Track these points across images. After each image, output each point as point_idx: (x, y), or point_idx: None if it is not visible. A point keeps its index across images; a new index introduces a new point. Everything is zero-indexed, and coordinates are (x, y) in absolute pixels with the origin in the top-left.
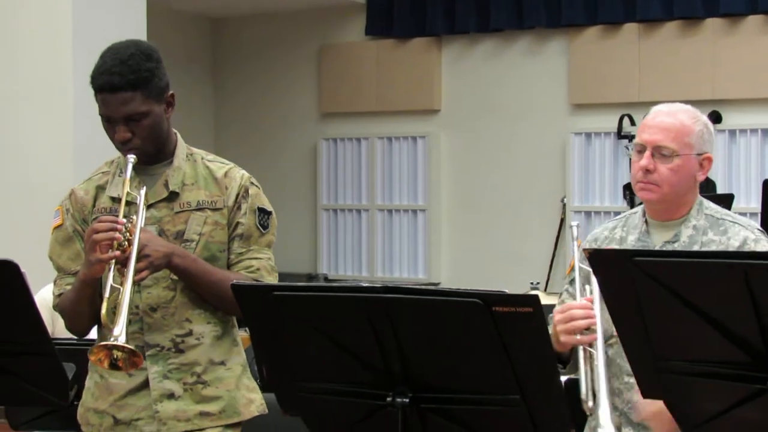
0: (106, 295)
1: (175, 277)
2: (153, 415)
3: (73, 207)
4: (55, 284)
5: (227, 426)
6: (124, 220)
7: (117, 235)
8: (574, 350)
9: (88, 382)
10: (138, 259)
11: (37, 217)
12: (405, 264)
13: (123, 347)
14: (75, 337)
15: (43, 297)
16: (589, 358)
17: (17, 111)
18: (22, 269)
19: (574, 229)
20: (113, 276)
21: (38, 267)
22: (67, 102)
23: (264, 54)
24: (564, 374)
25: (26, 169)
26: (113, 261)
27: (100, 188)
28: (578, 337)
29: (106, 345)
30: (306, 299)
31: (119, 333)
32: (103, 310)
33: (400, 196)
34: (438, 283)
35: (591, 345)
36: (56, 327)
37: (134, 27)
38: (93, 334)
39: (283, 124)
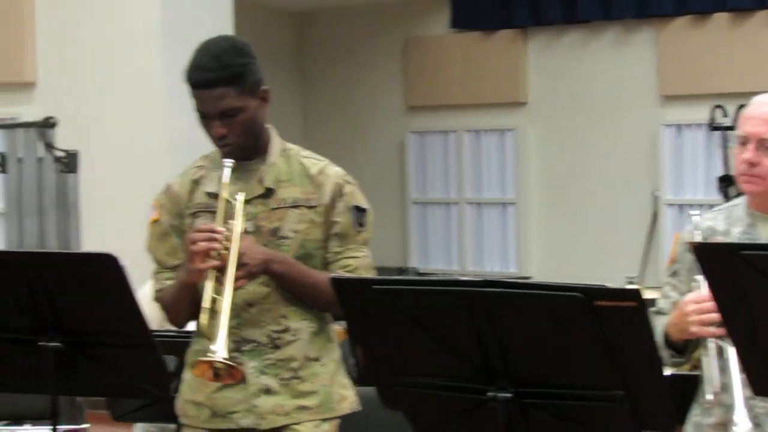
0: (206, 305)
1: None
2: (250, 409)
3: (169, 202)
4: (153, 277)
5: (323, 420)
6: (223, 229)
7: (215, 245)
8: (689, 343)
9: (187, 375)
10: (236, 267)
11: (135, 210)
12: (495, 258)
13: (223, 363)
14: (176, 329)
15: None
16: (718, 352)
17: (110, 108)
18: (122, 262)
19: (695, 219)
20: (212, 285)
21: (140, 261)
22: (157, 97)
23: (350, 48)
24: (676, 366)
25: (123, 164)
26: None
27: (195, 183)
28: (712, 329)
29: (207, 361)
30: (406, 293)
31: (219, 348)
32: (203, 320)
33: (489, 189)
34: (529, 277)
35: (721, 338)
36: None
37: (221, 23)
38: (191, 325)
39: (371, 118)
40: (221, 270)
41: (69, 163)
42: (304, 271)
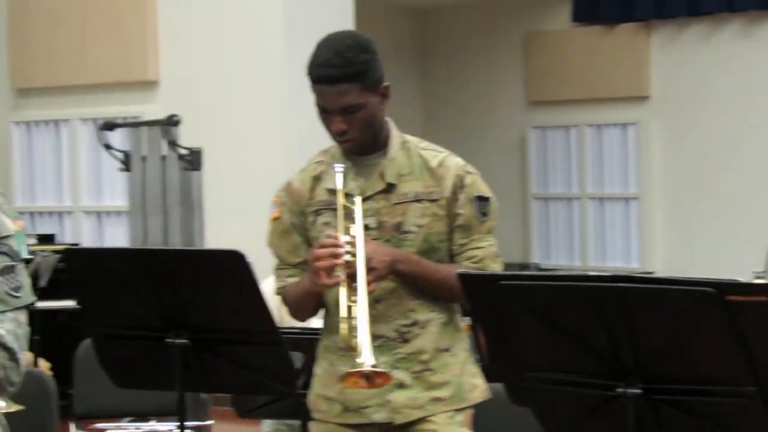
0: (343, 314)
1: None
2: (383, 404)
3: (290, 199)
4: (275, 273)
5: (457, 411)
6: (347, 237)
7: (338, 261)
8: None
9: (318, 370)
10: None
11: (257, 207)
12: (617, 253)
13: (372, 371)
14: (303, 327)
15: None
16: None
17: (233, 105)
18: (249, 259)
19: None
20: (346, 293)
21: (262, 258)
22: (279, 95)
23: (470, 43)
24: None
25: (245, 161)
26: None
27: (316, 179)
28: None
29: (357, 372)
30: (534, 289)
31: (366, 357)
32: (344, 331)
33: (611, 184)
34: (652, 272)
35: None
36: (284, 317)
37: (343, 19)
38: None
39: (492, 113)
40: (351, 276)
41: (192, 160)
42: (429, 267)
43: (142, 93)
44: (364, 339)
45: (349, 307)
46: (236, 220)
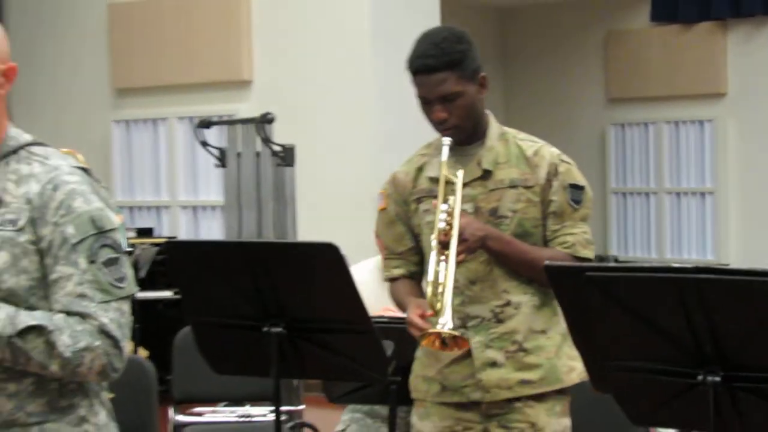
0: (430, 278)
1: None
2: (476, 383)
3: (395, 191)
4: (383, 261)
5: (549, 393)
6: (445, 206)
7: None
8: None
9: (419, 352)
10: (458, 243)
11: (348, 201)
12: (693, 245)
13: (449, 333)
14: (393, 317)
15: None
16: None
17: (324, 104)
18: (343, 252)
19: None
20: (436, 259)
21: (352, 250)
22: (368, 94)
23: (552, 42)
24: None
25: (336, 158)
26: (435, 243)
27: (419, 170)
28: None
29: (436, 332)
30: (618, 280)
31: (446, 321)
32: (429, 293)
33: (688, 179)
34: (727, 265)
35: None
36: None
37: (429, 21)
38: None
39: (572, 110)
40: (443, 244)
41: (285, 157)
42: (521, 248)
43: (236, 92)
44: (447, 302)
45: (437, 272)
46: (327, 213)
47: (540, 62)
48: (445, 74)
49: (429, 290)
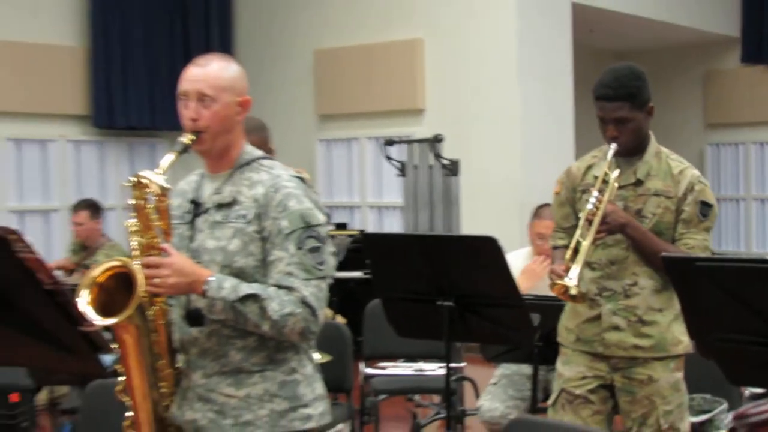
0: (572, 245)
1: None
2: (601, 340)
3: (567, 180)
4: (552, 233)
5: (656, 359)
6: (596, 194)
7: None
8: None
9: (567, 307)
10: (600, 224)
11: (499, 204)
12: None
13: (571, 287)
14: (539, 294)
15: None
16: None
17: (481, 128)
18: (500, 243)
19: None
20: (580, 231)
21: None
22: (515, 120)
23: (661, 78)
24: None
25: (490, 170)
26: (583, 221)
27: (589, 167)
28: None
29: (562, 284)
30: (724, 269)
31: (572, 278)
32: (567, 257)
33: None
34: None
35: None
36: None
37: (563, 61)
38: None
39: (676, 133)
40: (590, 221)
41: (452, 169)
42: (653, 240)
43: (413, 118)
44: (578, 265)
45: (579, 242)
46: (484, 213)
47: (653, 95)
48: (621, 103)
49: (568, 254)
